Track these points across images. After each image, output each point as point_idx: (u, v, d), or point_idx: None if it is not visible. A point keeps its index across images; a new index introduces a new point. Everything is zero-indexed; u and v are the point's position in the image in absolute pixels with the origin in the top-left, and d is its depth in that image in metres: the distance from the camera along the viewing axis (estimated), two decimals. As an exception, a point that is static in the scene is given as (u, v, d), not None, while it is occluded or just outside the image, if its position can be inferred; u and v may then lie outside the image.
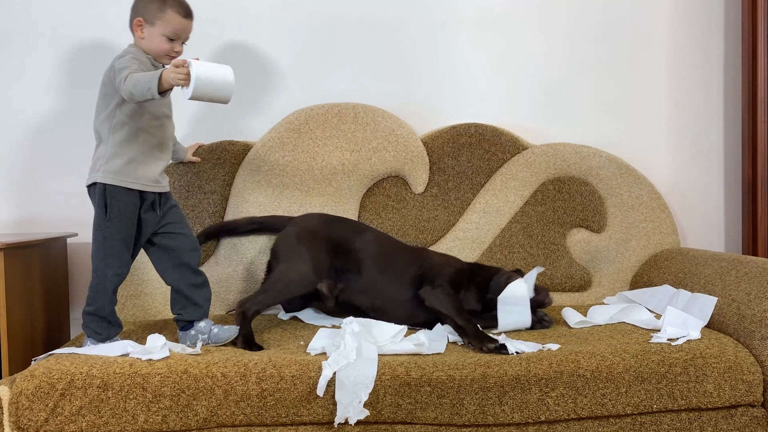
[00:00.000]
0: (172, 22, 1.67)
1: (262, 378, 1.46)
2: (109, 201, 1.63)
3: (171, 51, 1.70)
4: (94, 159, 1.67)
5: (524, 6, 2.33)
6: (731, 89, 2.39)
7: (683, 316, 1.70)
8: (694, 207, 2.40)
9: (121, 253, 1.65)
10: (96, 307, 1.64)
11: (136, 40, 1.72)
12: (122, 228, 1.64)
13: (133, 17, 1.70)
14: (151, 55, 1.70)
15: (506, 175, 2.24)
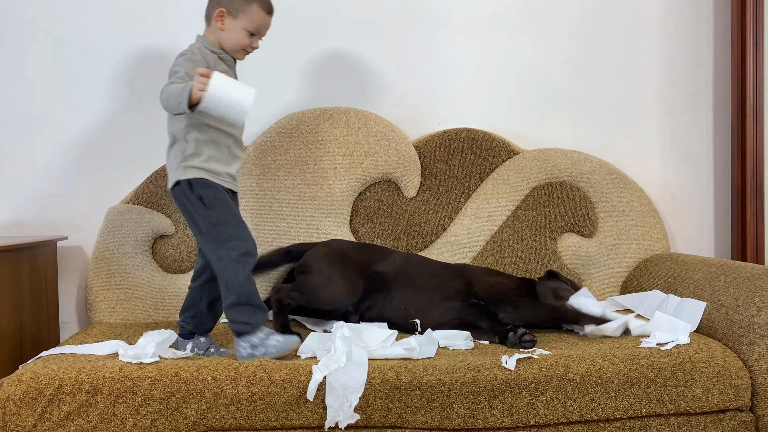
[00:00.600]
0: (256, 17, 1.65)
1: (252, 381, 1.46)
2: (202, 191, 1.58)
3: (249, 46, 1.67)
4: (170, 159, 1.63)
5: (516, 12, 2.34)
6: (720, 95, 2.41)
7: (672, 321, 1.71)
8: (684, 212, 2.41)
9: (239, 232, 1.58)
10: (237, 294, 1.55)
11: (211, 31, 1.68)
12: (227, 209, 1.59)
13: (214, 6, 1.65)
14: (223, 49, 1.66)
15: (498, 180, 2.25)
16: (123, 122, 2.23)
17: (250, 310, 1.56)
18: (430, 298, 1.89)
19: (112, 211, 2.12)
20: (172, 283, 2.12)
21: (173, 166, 1.62)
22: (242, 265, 1.56)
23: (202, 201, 1.58)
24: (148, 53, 2.23)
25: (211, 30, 1.68)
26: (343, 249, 1.99)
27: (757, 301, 1.64)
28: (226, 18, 1.64)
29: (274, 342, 1.55)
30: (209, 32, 1.69)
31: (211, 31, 1.68)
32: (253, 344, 1.55)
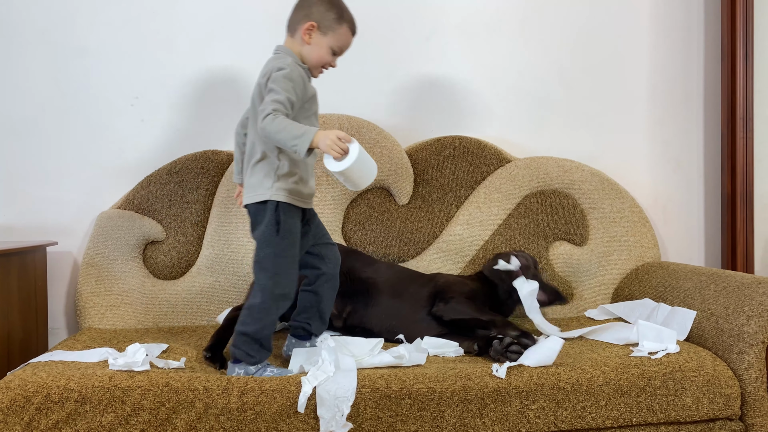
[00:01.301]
0: (343, 38, 1.63)
1: (243, 392, 1.45)
2: (282, 218, 1.56)
3: (328, 64, 1.65)
4: (260, 175, 1.57)
5: (508, 21, 2.35)
6: (711, 105, 2.43)
7: (657, 329, 1.72)
8: (675, 221, 2.43)
9: (287, 271, 1.57)
10: (255, 328, 1.54)
11: (294, 43, 1.63)
12: (292, 245, 1.57)
13: (304, 19, 1.61)
14: (306, 64, 1.63)
15: (490, 187, 2.25)
16: (115, 127, 2.22)
17: (257, 347, 1.55)
18: (412, 309, 1.88)
19: (103, 216, 2.11)
20: (163, 289, 2.11)
21: (260, 182, 1.57)
22: (277, 306, 1.56)
23: (279, 226, 1.56)
24: (142, 58, 2.23)
25: (294, 42, 1.63)
26: None
27: (746, 310, 1.65)
28: (315, 33, 1.61)
29: (269, 373, 1.54)
30: (292, 44, 1.63)
31: (294, 43, 1.63)
32: (248, 372, 1.55)
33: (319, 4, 1.61)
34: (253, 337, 1.55)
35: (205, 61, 2.25)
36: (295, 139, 1.44)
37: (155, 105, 2.23)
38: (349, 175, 1.45)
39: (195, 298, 2.11)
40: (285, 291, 1.57)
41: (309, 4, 1.62)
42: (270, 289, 1.55)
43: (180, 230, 2.14)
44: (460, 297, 1.83)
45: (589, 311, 2.16)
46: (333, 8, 1.61)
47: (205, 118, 2.25)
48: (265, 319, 1.55)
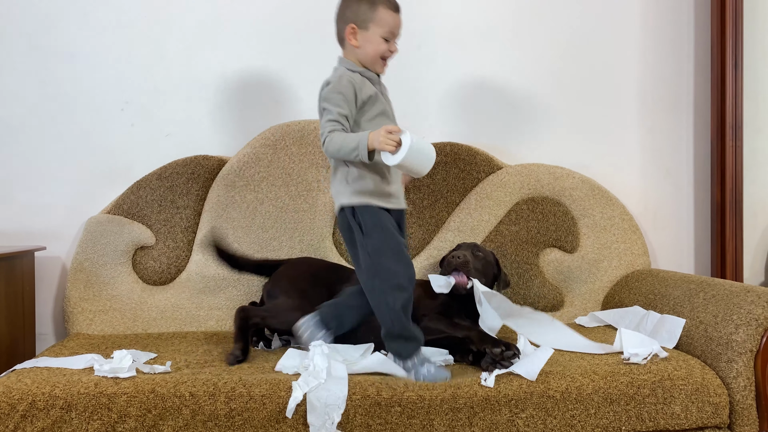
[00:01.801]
0: (386, 20, 1.60)
1: (231, 397, 1.44)
2: (362, 218, 1.56)
3: (387, 52, 1.63)
4: (335, 184, 1.61)
5: (499, 29, 2.36)
6: (701, 113, 2.44)
7: (639, 337, 1.72)
8: (665, 228, 2.44)
9: (392, 263, 1.54)
10: (387, 327, 1.56)
11: (348, 52, 1.64)
12: (384, 239, 1.55)
13: (344, 27, 1.62)
14: (364, 67, 1.63)
15: (481, 194, 2.25)
16: (105, 132, 2.21)
17: (401, 342, 1.55)
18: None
19: (92, 221, 2.10)
20: (152, 294, 2.10)
21: (339, 190, 1.61)
22: (393, 298, 1.54)
23: (361, 228, 1.56)
24: (132, 63, 2.22)
25: (348, 50, 1.64)
26: (312, 271, 1.95)
27: (735, 318, 1.65)
28: (358, 33, 1.61)
29: (425, 371, 1.54)
30: (347, 53, 1.65)
31: (349, 52, 1.64)
32: (407, 368, 1.55)
33: (350, 5, 1.62)
34: (390, 333, 1.56)
35: (195, 67, 2.24)
36: (354, 151, 1.48)
37: (145, 110, 2.22)
38: (407, 165, 1.47)
39: (184, 303, 2.10)
40: (393, 282, 1.54)
41: (343, 10, 1.64)
42: (378, 287, 1.55)
43: (170, 235, 2.13)
44: (431, 314, 1.78)
45: (579, 318, 2.16)
46: (363, 1, 1.60)
47: (195, 123, 2.24)
48: (388, 316, 1.54)
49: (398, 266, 1.55)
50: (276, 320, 1.82)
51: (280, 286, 1.91)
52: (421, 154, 1.47)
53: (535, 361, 1.53)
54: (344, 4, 1.63)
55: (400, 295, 1.55)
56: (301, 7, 2.28)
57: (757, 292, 1.69)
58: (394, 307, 1.54)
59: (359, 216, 1.57)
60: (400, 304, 1.54)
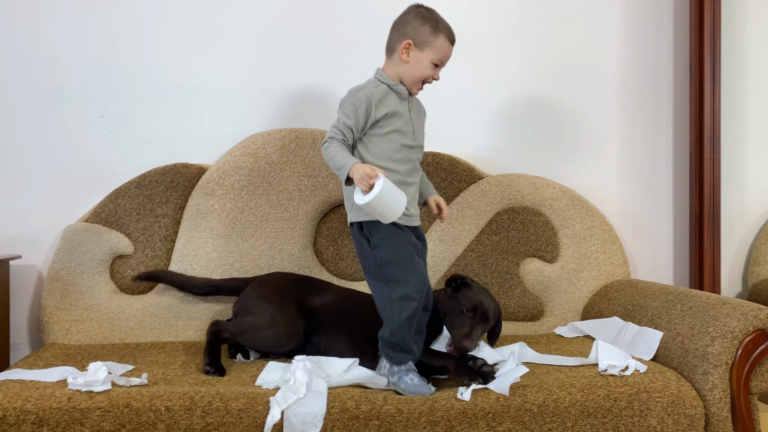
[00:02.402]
0: (442, 49, 1.61)
1: (207, 412, 1.43)
2: (370, 233, 1.58)
3: (431, 78, 1.64)
4: (346, 198, 1.63)
5: (481, 41, 2.37)
6: (679, 126, 2.46)
7: (614, 350, 1.73)
8: (644, 239, 2.46)
9: (401, 274, 1.55)
10: (388, 333, 1.56)
11: (391, 63, 1.63)
12: (391, 249, 1.56)
13: (400, 39, 1.61)
14: (403, 83, 1.63)
15: (462, 204, 2.26)
16: (83, 139, 2.19)
17: (397, 350, 1.56)
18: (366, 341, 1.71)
19: (69, 229, 2.08)
20: (130, 304, 2.08)
21: (348, 206, 1.63)
22: (399, 308, 1.54)
23: (370, 241, 1.58)
24: (112, 70, 2.20)
25: (392, 62, 1.63)
26: (282, 287, 1.92)
27: (711, 331, 1.67)
28: (412, 50, 1.60)
29: (408, 380, 1.53)
30: (389, 65, 1.64)
31: (392, 64, 1.63)
32: (392, 371, 1.56)
33: (413, 21, 1.61)
34: (388, 340, 1.56)
35: (176, 74, 2.22)
36: (338, 170, 1.53)
37: (125, 117, 2.20)
38: (372, 208, 1.48)
39: (162, 313, 2.08)
40: (403, 293, 1.54)
41: (403, 23, 1.62)
42: (387, 296, 1.56)
43: (148, 244, 2.11)
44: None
45: (558, 328, 2.17)
46: (427, 22, 1.61)
47: (175, 131, 2.22)
48: (392, 324, 1.55)
49: (408, 276, 1.56)
50: (244, 337, 1.80)
51: (249, 305, 1.88)
52: (386, 205, 1.48)
53: (509, 377, 1.53)
54: (407, 19, 1.62)
55: (408, 305, 1.54)
56: (285, 16, 2.28)
57: (732, 304, 1.70)
58: (400, 317, 1.54)
59: (367, 230, 1.59)
60: (407, 315, 1.54)
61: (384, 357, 1.59)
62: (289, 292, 1.90)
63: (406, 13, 1.64)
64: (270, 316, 1.83)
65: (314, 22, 2.29)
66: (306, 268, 2.14)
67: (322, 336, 1.83)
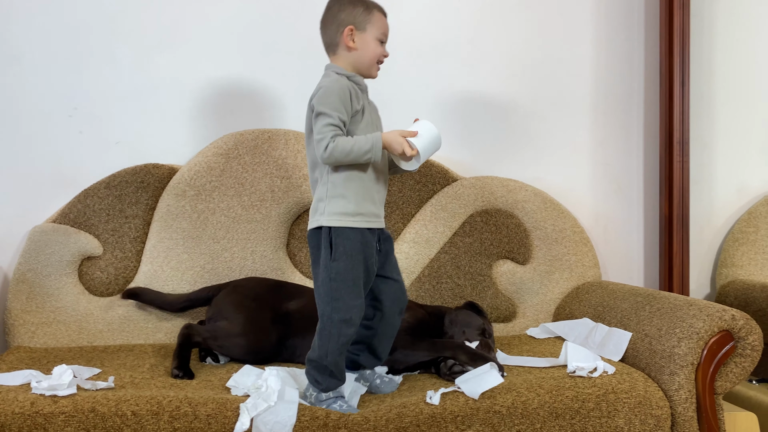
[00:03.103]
0: (381, 23, 1.59)
1: (175, 417, 1.41)
2: (335, 241, 1.50)
3: (381, 55, 1.60)
4: (315, 200, 1.55)
5: (455, 44, 2.37)
6: (650, 130, 2.50)
7: (583, 352, 1.75)
8: (615, 241, 2.48)
9: (347, 296, 1.50)
10: (318, 354, 1.50)
11: (339, 57, 1.59)
12: (349, 268, 1.50)
13: (339, 29, 1.57)
14: (358, 71, 1.59)
15: (436, 206, 2.26)
16: (51, 138, 2.15)
17: (327, 376, 1.51)
18: None
19: (36, 230, 2.04)
20: (99, 306, 2.05)
21: (315, 207, 1.55)
22: (338, 332, 1.49)
23: (332, 250, 1.51)
24: (81, 69, 2.17)
25: (341, 56, 1.59)
26: (257, 293, 1.90)
27: (677, 332, 1.69)
28: (356, 34, 1.57)
29: (336, 407, 1.50)
30: (339, 59, 1.60)
31: (341, 57, 1.59)
32: (319, 398, 1.51)
33: (344, 8, 1.58)
34: (318, 363, 1.50)
35: (147, 73, 2.20)
36: (367, 153, 1.48)
37: (94, 116, 2.17)
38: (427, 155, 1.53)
39: (132, 315, 2.05)
40: (346, 317, 1.49)
41: (335, 14, 1.59)
42: (329, 315, 1.50)
43: (118, 245, 2.08)
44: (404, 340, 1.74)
45: (530, 330, 2.19)
46: (357, 4, 1.58)
47: (146, 130, 2.20)
48: (327, 346, 1.49)
49: (354, 301, 1.52)
50: (216, 343, 1.79)
51: (222, 310, 1.87)
52: (432, 148, 1.52)
53: (482, 383, 1.54)
54: (337, 9, 1.59)
55: (347, 330, 1.50)
56: (257, 15, 2.26)
57: (699, 305, 1.73)
58: (338, 341, 1.49)
59: (334, 236, 1.51)
60: (344, 339, 1.51)
61: (311, 383, 1.53)
62: (264, 299, 1.88)
63: (332, 6, 1.60)
64: (243, 323, 1.81)
65: (288, 23, 2.27)
66: (279, 270, 2.13)
67: (298, 339, 1.82)
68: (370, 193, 1.56)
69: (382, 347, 1.64)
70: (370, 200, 1.56)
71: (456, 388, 1.56)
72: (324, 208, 1.52)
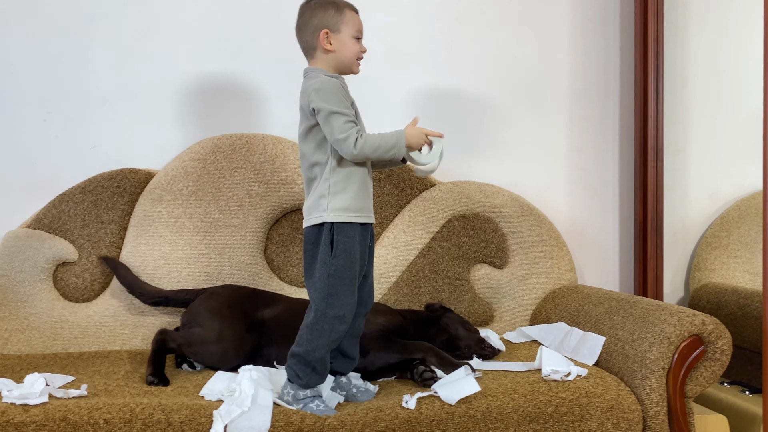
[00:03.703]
0: (353, 20, 1.59)
1: (148, 424, 1.41)
2: (337, 237, 1.51)
3: (360, 53, 1.60)
4: (315, 197, 1.54)
5: (432, 49, 2.39)
6: (625, 136, 2.53)
7: (558, 356, 1.77)
8: (591, 246, 2.51)
9: (343, 293, 1.51)
10: (306, 349, 1.50)
11: (321, 59, 1.59)
12: (348, 265, 1.52)
13: (314, 33, 1.57)
14: (339, 71, 1.59)
15: (414, 210, 2.28)
16: (25, 143, 2.13)
17: (309, 371, 1.51)
18: None
19: (10, 236, 2.02)
20: (74, 312, 2.03)
21: (316, 203, 1.54)
22: (330, 327, 1.51)
23: (332, 247, 1.51)
24: (56, 72, 2.15)
25: (320, 59, 1.59)
26: (233, 301, 1.90)
27: (649, 336, 1.72)
28: (332, 37, 1.57)
29: (314, 406, 1.50)
30: (317, 62, 1.60)
31: (320, 60, 1.59)
32: (297, 397, 1.51)
33: (316, 13, 1.58)
34: (304, 358, 1.50)
35: (123, 77, 2.18)
36: (392, 149, 1.52)
37: (70, 120, 2.15)
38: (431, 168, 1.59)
39: (108, 321, 2.04)
40: (339, 313, 1.51)
41: (308, 20, 1.59)
42: (323, 310, 1.51)
43: (94, 251, 2.07)
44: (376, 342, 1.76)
45: (507, 333, 2.20)
46: (328, 6, 1.59)
47: (122, 135, 2.18)
48: (317, 341, 1.50)
49: (349, 298, 1.53)
50: (190, 350, 1.78)
51: (198, 317, 1.86)
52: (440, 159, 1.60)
53: (459, 390, 1.55)
54: (309, 14, 1.59)
55: (340, 327, 1.52)
56: (234, 18, 2.26)
57: (670, 310, 1.76)
58: (329, 337, 1.51)
59: (335, 233, 1.52)
60: (336, 336, 1.52)
61: (290, 379, 1.52)
62: (239, 307, 1.88)
63: (304, 11, 1.61)
64: (218, 330, 1.80)
65: (264, 27, 2.27)
66: (256, 276, 2.13)
67: (273, 348, 1.82)
68: (367, 188, 1.59)
69: (351, 347, 1.65)
70: (368, 195, 1.59)
71: (433, 392, 1.57)
72: (327, 204, 1.53)
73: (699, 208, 2.53)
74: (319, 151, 1.55)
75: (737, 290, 2.27)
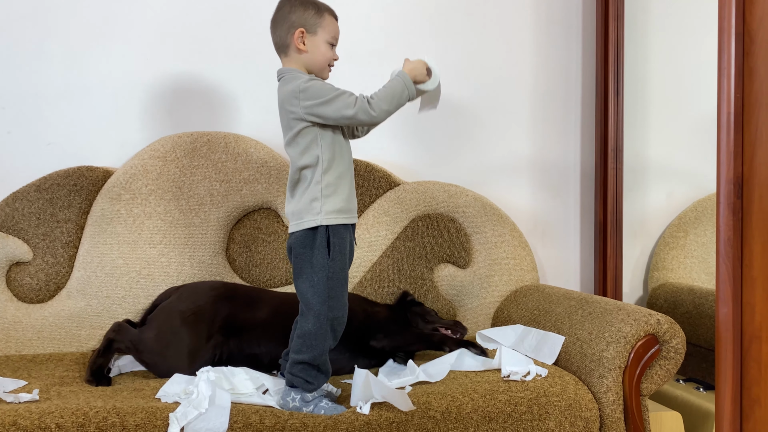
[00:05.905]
0: (331, 26, 1.57)
1: (102, 428, 1.38)
2: (332, 239, 1.51)
3: (332, 59, 1.59)
4: (306, 200, 1.51)
5: (395, 48, 2.39)
6: (587, 137, 2.57)
7: (517, 356, 1.79)
8: (553, 246, 2.55)
9: (340, 294, 1.53)
10: (312, 355, 1.50)
11: (293, 59, 1.57)
12: (342, 267, 1.53)
13: (289, 31, 1.55)
14: (313, 72, 1.57)
15: (378, 210, 2.27)
16: (-23, 138, 2.06)
17: (315, 373, 1.52)
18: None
19: (-40, 235, 1.95)
20: (28, 313, 1.98)
21: (308, 207, 1.51)
22: (331, 329, 1.53)
23: (329, 249, 1.51)
24: (9, 65, 2.08)
25: (292, 58, 1.57)
26: (200, 307, 1.81)
27: (606, 336, 1.75)
28: (307, 37, 1.55)
29: (324, 404, 1.50)
30: (290, 61, 1.57)
31: (293, 59, 1.57)
32: (305, 399, 1.50)
33: (295, 10, 1.56)
34: (311, 363, 1.51)
35: (80, 71, 2.13)
36: (404, 91, 1.56)
37: (24, 116, 2.09)
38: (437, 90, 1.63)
39: (64, 323, 1.99)
40: (339, 314, 1.53)
41: (286, 15, 1.57)
42: (324, 314, 1.51)
43: (49, 251, 2.02)
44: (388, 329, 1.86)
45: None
46: (309, 6, 1.57)
47: (79, 132, 2.13)
48: (322, 345, 1.52)
49: (344, 299, 1.56)
50: (139, 356, 1.75)
51: (156, 319, 1.81)
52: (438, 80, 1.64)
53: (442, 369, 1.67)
54: (288, 9, 1.57)
55: (339, 327, 1.54)
56: (197, 13, 2.22)
57: (627, 310, 1.79)
58: (328, 338, 1.53)
59: (331, 235, 1.51)
60: (335, 336, 1.54)
61: (297, 385, 1.51)
62: (210, 313, 1.79)
63: (282, 6, 1.59)
64: (167, 341, 1.74)
65: (225, 23, 2.24)
66: (218, 276, 2.10)
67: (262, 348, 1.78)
68: (353, 188, 1.60)
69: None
70: (353, 195, 1.60)
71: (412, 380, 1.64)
72: (320, 207, 1.51)
73: (657, 208, 2.58)
74: (307, 153, 1.53)
75: (693, 289, 2.33)
